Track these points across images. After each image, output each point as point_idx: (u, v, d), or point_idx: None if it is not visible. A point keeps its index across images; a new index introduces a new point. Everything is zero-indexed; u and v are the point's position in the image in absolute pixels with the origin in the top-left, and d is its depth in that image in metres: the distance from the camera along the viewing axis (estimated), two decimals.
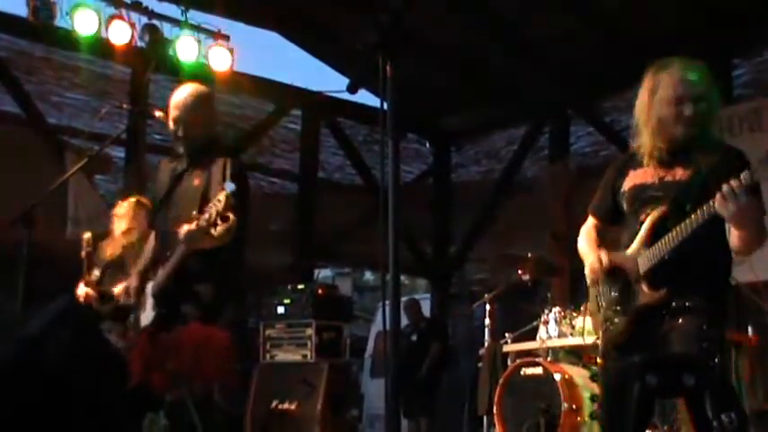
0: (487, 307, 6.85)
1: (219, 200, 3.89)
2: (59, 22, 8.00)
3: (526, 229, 9.82)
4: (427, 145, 11.47)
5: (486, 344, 6.72)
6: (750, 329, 5.63)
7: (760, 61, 8.56)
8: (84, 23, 8.00)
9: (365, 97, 9.00)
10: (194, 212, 3.94)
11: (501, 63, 9.66)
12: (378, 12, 2.94)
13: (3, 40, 8.44)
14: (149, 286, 4.19)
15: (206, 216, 3.89)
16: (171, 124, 4.28)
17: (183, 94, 4.31)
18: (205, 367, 3.93)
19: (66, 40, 8.24)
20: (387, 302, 2.58)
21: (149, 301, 4.17)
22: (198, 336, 3.94)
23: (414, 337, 9.44)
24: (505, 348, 6.49)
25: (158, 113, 4.44)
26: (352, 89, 2.95)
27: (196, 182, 4.14)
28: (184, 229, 3.92)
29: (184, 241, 3.94)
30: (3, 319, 3.54)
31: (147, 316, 4.18)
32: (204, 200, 4.05)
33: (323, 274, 16.27)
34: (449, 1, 8.68)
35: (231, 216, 3.97)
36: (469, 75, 10.06)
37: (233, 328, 4.13)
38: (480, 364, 6.74)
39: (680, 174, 3.34)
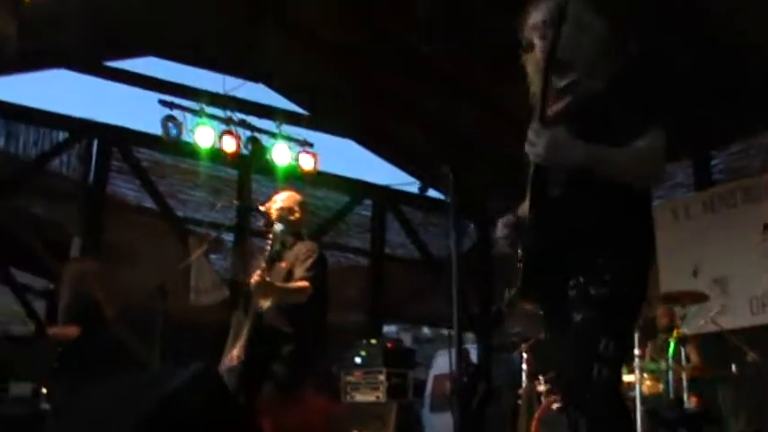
0: (524, 354, 6.83)
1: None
2: (185, 136, 8.36)
3: None
4: (472, 226, 11.51)
5: (523, 384, 6.68)
6: (734, 367, 5.55)
7: (731, 152, 8.51)
8: (203, 137, 8.35)
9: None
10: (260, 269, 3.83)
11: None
12: (439, 126, 3.18)
13: (143, 153, 8.80)
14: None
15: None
16: (273, 217, 4.24)
17: (283, 196, 4.39)
18: None
19: (190, 150, 8.55)
20: (452, 351, 2.64)
21: None
22: (322, 411, 3.96)
23: (464, 379, 9.38)
24: (539, 388, 6.47)
25: (260, 207, 4.48)
26: (423, 190, 3.11)
27: (284, 264, 4.13)
28: (254, 278, 3.82)
29: (253, 289, 3.81)
30: (148, 376, 3.45)
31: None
32: (290, 276, 4.08)
33: (388, 329, 16.18)
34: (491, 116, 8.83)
35: (307, 283, 3.99)
36: (503, 169, 10.11)
37: (321, 377, 4.12)
38: (519, 401, 6.69)
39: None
